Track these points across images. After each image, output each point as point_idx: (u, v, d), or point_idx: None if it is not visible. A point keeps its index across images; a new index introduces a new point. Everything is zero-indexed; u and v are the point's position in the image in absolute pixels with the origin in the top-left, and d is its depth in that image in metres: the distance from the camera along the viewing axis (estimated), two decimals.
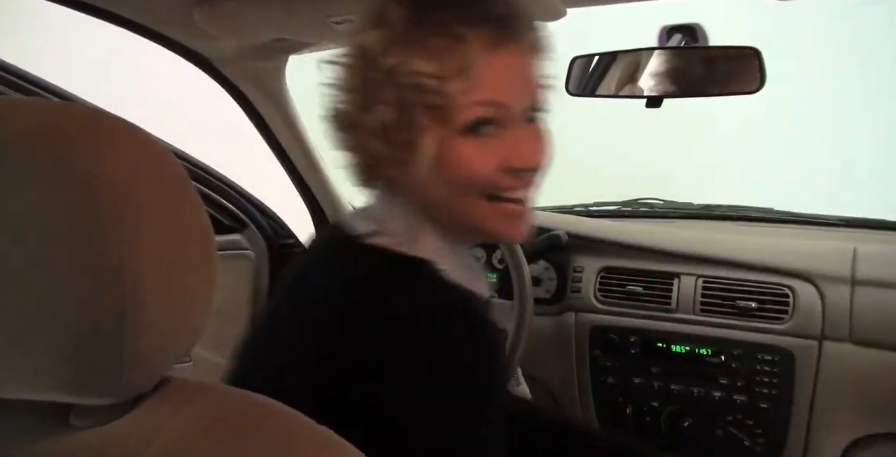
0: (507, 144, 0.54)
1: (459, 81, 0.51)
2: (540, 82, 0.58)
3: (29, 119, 0.34)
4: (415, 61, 0.51)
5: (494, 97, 0.53)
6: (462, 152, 0.54)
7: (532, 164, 0.56)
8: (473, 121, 0.53)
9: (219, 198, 1.35)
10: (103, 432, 0.36)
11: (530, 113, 0.57)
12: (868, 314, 0.99)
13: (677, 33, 1.01)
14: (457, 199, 0.56)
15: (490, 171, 0.54)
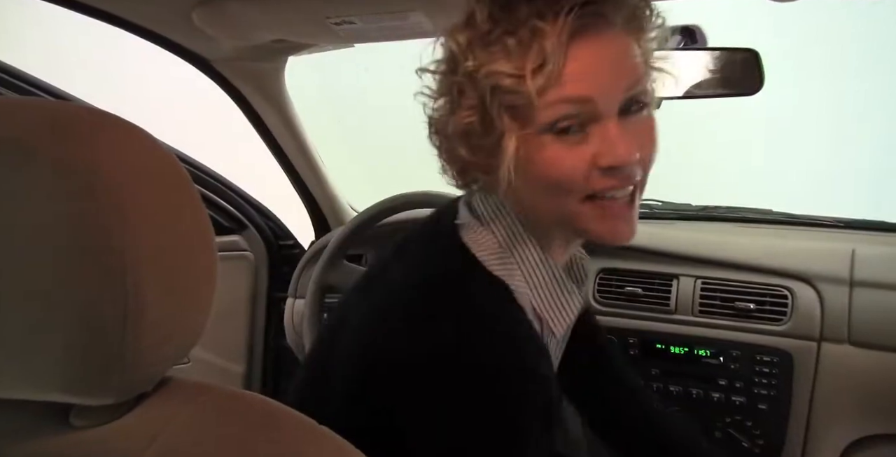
0: (597, 141, 0.50)
1: (538, 78, 0.48)
2: (641, 67, 0.52)
3: (29, 119, 0.34)
4: (493, 61, 0.49)
5: (579, 92, 0.49)
6: (549, 153, 0.50)
7: (624, 161, 0.50)
8: (556, 119, 0.49)
9: (218, 199, 1.35)
10: (104, 431, 0.36)
11: (630, 104, 0.51)
12: (866, 316, 0.99)
13: (676, 34, 1.02)
14: (553, 202, 0.53)
15: (581, 171, 0.50)
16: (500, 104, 0.50)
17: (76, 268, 0.32)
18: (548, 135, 0.50)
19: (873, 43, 2.31)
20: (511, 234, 0.57)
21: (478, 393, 0.49)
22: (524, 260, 0.56)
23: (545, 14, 0.48)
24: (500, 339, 0.51)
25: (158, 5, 0.86)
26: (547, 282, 0.57)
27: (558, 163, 0.51)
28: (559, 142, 0.50)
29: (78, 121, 0.35)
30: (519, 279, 0.56)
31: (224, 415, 0.38)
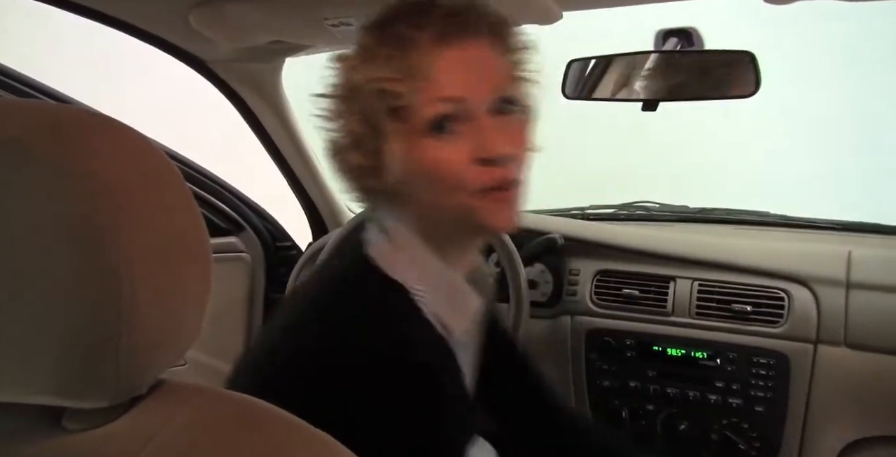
0: (472, 137, 0.55)
1: (413, 81, 0.53)
2: (509, 73, 0.58)
3: (25, 121, 0.34)
4: (374, 70, 0.55)
5: (450, 93, 0.54)
6: (430, 152, 0.55)
7: (499, 152, 0.55)
8: (434, 118, 0.54)
9: (215, 200, 1.35)
10: (97, 435, 0.36)
11: (501, 105, 0.56)
12: (863, 318, 0.99)
13: (673, 37, 1.02)
14: (446, 199, 0.57)
15: (462, 167, 0.55)
16: (383, 109, 0.55)
17: (70, 270, 0.32)
18: (428, 136, 0.55)
19: (870, 45, 2.32)
20: (408, 242, 0.61)
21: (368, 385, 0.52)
22: (419, 264, 0.60)
23: (416, 26, 0.54)
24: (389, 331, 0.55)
25: (155, 6, 0.86)
26: (441, 284, 0.60)
27: (441, 160, 0.55)
28: (439, 141, 0.55)
29: (75, 123, 0.35)
30: (416, 282, 0.59)
31: (219, 418, 0.38)
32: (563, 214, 1.44)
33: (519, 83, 0.60)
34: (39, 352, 0.33)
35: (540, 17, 0.85)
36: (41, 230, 0.32)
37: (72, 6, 0.84)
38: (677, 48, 1.00)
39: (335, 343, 0.53)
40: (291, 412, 0.39)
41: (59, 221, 0.32)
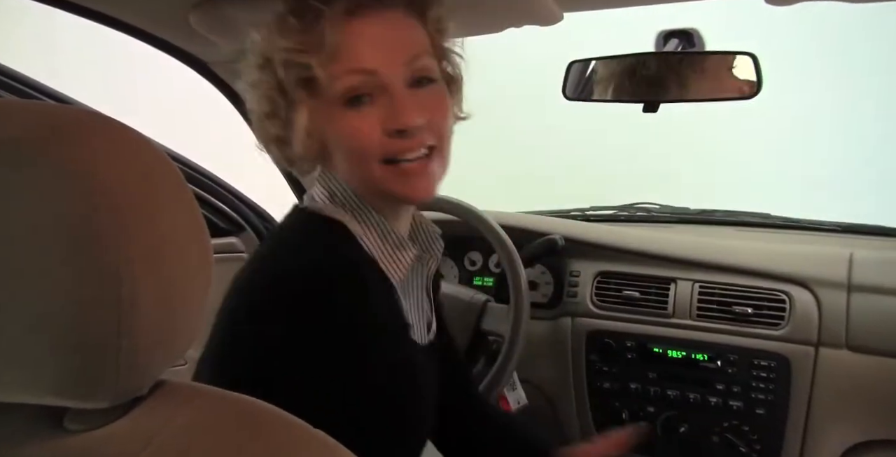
0: (384, 108, 0.56)
1: (322, 54, 0.54)
2: (427, 44, 0.59)
3: (24, 122, 0.34)
4: (282, 41, 0.56)
5: (360, 65, 0.55)
6: (343, 123, 0.56)
7: (409, 124, 0.56)
8: (346, 90, 0.55)
9: (215, 201, 1.34)
10: (98, 435, 0.36)
11: (417, 77, 0.57)
12: (864, 320, 0.99)
13: (674, 38, 1.02)
14: (357, 168, 0.59)
15: (374, 137, 0.56)
16: (295, 79, 0.56)
17: (70, 270, 0.32)
18: (340, 106, 0.56)
19: (873, 46, 2.32)
20: (340, 197, 0.62)
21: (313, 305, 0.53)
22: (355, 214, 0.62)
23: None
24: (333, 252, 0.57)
25: (154, 7, 0.85)
26: (377, 232, 0.62)
27: (352, 130, 0.56)
28: (351, 111, 0.56)
29: (75, 124, 0.35)
30: (357, 226, 0.61)
31: (219, 418, 0.38)
32: (564, 215, 1.44)
33: (439, 53, 0.61)
34: (40, 352, 0.33)
35: (541, 18, 0.85)
36: (41, 231, 0.32)
37: (71, 6, 0.84)
38: (678, 49, 1.00)
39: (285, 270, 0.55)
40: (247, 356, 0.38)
41: (59, 221, 0.32)
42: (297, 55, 0.55)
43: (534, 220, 1.30)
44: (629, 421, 1.13)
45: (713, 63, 0.95)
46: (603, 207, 1.47)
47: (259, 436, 0.36)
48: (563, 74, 1.02)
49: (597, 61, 1.01)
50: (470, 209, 1.10)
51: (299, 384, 0.52)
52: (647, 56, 0.98)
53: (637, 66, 0.99)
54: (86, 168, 0.33)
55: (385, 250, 0.62)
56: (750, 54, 0.90)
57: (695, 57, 0.97)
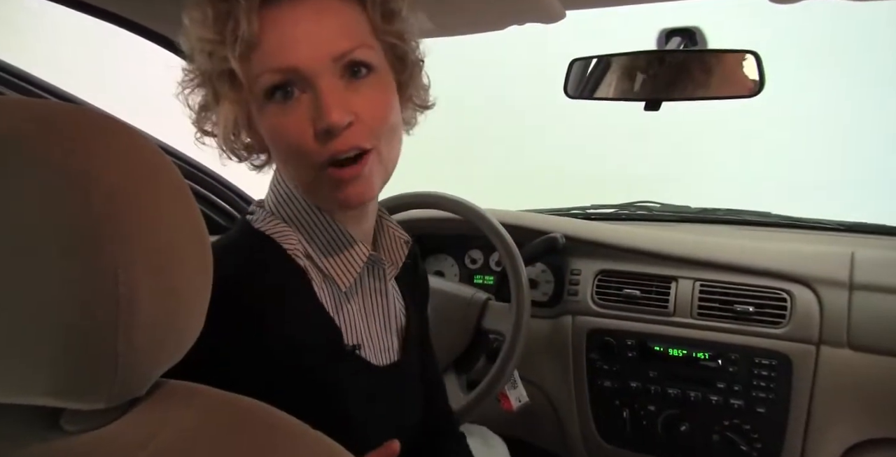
0: (311, 105, 0.51)
1: (238, 46, 0.49)
2: (357, 33, 0.53)
3: (21, 119, 0.33)
4: (198, 30, 0.51)
5: (279, 62, 0.50)
6: (272, 120, 0.52)
7: (334, 122, 0.50)
8: (266, 87, 0.51)
9: (214, 197, 1.34)
10: (95, 436, 0.35)
11: (351, 68, 0.52)
12: (865, 319, 0.99)
13: (676, 36, 1.01)
14: (291, 169, 0.55)
15: (304, 137, 0.51)
16: (217, 71, 0.52)
17: (67, 270, 0.32)
18: (267, 103, 0.52)
19: (874, 45, 2.31)
20: (283, 198, 0.59)
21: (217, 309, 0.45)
22: (296, 217, 0.58)
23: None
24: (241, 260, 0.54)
25: (148, 0, 0.85)
26: (323, 235, 0.58)
27: (281, 130, 0.52)
28: (278, 108, 0.52)
29: (71, 121, 0.34)
30: (291, 236, 0.57)
31: (218, 419, 0.37)
32: (565, 213, 1.44)
33: (385, 38, 0.55)
34: (37, 353, 0.33)
35: (543, 15, 0.84)
36: (38, 230, 0.32)
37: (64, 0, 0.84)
38: (680, 47, 1.00)
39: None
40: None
41: (55, 221, 0.32)
42: (213, 46, 0.51)
43: (535, 218, 1.30)
44: (630, 420, 1.13)
45: (715, 61, 0.94)
46: (604, 205, 1.47)
47: (258, 437, 0.36)
48: (565, 72, 1.01)
49: (598, 59, 1.00)
50: (471, 207, 1.10)
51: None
52: (649, 54, 0.98)
53: (639, 65, 0.98)
54: (84, 167, 0.32)
55: (331, 254, 0.58)
56: (753, 52, 0.90)
57: (697, 55, 0.96)
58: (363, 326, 0.62)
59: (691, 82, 0.96)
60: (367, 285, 0.63)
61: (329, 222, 0.58)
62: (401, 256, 0.66)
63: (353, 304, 0.62)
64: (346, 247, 0.59)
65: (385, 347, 0.65)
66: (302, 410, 0.41)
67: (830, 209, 1.39)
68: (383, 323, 0.65)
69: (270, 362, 0.51)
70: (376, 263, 0.63)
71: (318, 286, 0.58)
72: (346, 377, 0.58)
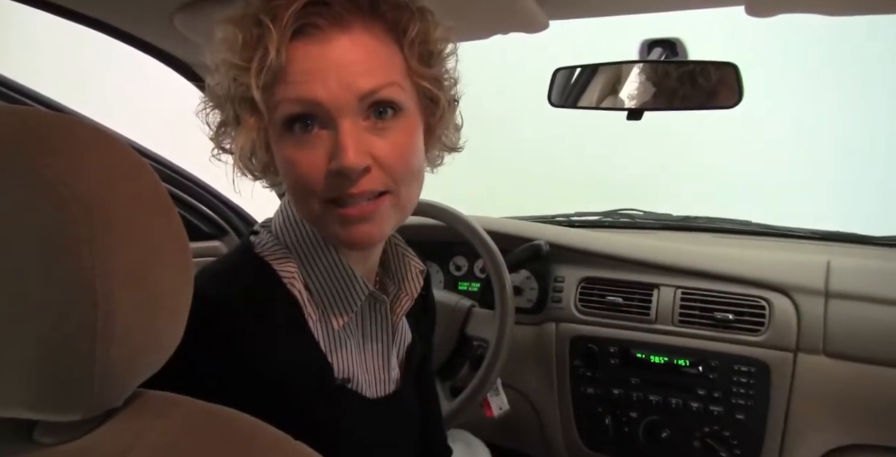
0: (330, 143, 0.49)
1: (263, 75, 0.48)
2: (388, 72, 0.51)
3: (1, 128, 0.33)
4: (225, 52, 0.50)
5: (302, 94, 0.48)
6: (287, 152, 0.51)
7: (351, 165, 0.48)
8: (286, 118, 0.49)
9: (196, 203, 1.33)
10: (70, 449, 0.35)
11: (377, 108, 0.50)
12: (841, 327, 1.00)
13: (658, 47, 1.03)
14: (300, 203, 0.53)
15: (316, 173, 0.50)
16: (239, 97, 0.50)
17: (42, 279, 0.31)
18: (285, 133, 0.50)
19: (850, 57, 2.37)
20: (290, 223, 0.57)
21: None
22: (299, 245, 0.56)
23: (273, 11, 0.48)
24: (231, 284, 0.52)
25: (139, 9, 0.84)
26: (323, 268, 0.56)
27: (295, 162, 0.50)
28: (295, 141, 0.50)
29: (53, 129, 0.34)
30: (291, 265, 0.55)
31: (196, 430, 0.37)
32: (549, 220, 1.45)
33: (419, 78, 0.53)
34: (10, 363, 0.32)
35: (526, 25, 0.85)
36: (14, 238, 0.31)
37: (53, 8, 0.83)
38: (662, 58, 1.02)
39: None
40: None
41: (34, 228, 0.31)
42: (237, 72, 0.49)
43: (519, 225, 1.31)
44: (612, 426, 1.13)
45: (695, 72, 0.96)
46: (587, 213, 1.48)
47: (238, 448, 0.36)
48: (549, 81, 1.02)
49: (581, 69, 1.01)
50: (455, 214, 1.10)
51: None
52: (631, 64, 0.99)
53: (621, 75, 1.00)
54: (61, 173, 0.32)
55: (329, 289, 0.56)
56: (731, 64, 0.91)
57: (677, 66, 0.98)
58: (359, 359, 0.60)
59: (672, 93, 0.98)
60: (368, 320, 0.61)
61: (332, 256, 0.56)
62: (416, 287, 0.63)
63: (351, 338, 0.60)
64: (345, 283, 0.56)
65: (381, 379, 0.63)
66: None
67: (807, 215, 1.41)
68: (382, 356, 0.63)
69: (256, 392, 0.50)
70: (378, 301, 0.60)
71: (314, 318, 0.56)
72: (336, 411, 0.56)
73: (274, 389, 0.51)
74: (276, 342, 0.52)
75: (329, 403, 0.56)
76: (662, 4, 0.84)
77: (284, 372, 0.52)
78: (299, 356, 0.54)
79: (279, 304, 0.54)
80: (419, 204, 1.10)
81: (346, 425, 0.57)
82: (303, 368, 0.54)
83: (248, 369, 0.50)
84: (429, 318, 0.77)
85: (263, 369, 0.51)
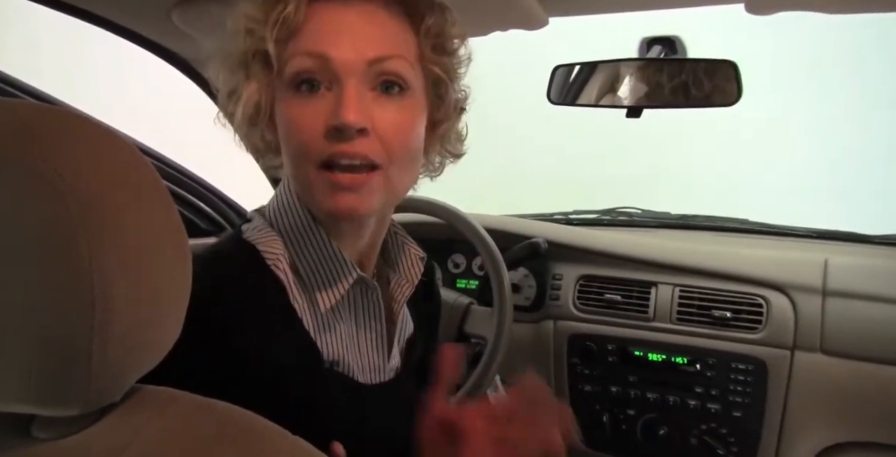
0: (332, 101, 0.50)
1: (279, 29, 0.50)
2: (399, 46, 0.53)
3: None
4: (249, 9, 0.52)
5: (314, 47, 0.51)
6: (290, 110, 0.52)
7: (349, 122, 0.49)
8: (295, 72, 0.51)
9: (195, 200, 1.32)
10: (67, 444, 0.35)
11: (383, 80, 0.52)
12: (838, 325, 1.01)
13: (657, 45, 1.03)
14: (296, 169, 0.53)
15: (314, 133, 0.51)
16: (252, 50, 0.52)
17: (42, 274, 0.31)
18: (290, 89, 0.52)
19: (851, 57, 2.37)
20: (283, 207, 0.57)
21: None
22: (291, 229, 0.57)
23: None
24: (215, 271, 0.53)
25: (137, 4, 0.84)
26: (312, 251, 0.56)
27: (296, 120, 0.52)
28: (299, 98, 0.52)
29: (49, 122, 0.34)
30: (277, 247, 0.56)
31: (194, 426, 0.37)
32: (547, 218, 1.45)
33: (429, 67, 0.55)
34: (7, 358, 0.32)
35: (526, 22, 0.85)
36: (10, 231, 0.31)
37: (52, 3, 0.83)
38: (661, 56, 1.02)
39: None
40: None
41: (29, 223, 0.31)
42: (255, 25, 0.51)
43: (517, 223, 1.31)
44: (609, 424, 1.14)
45: (694, 70, 0.96)
46: (585, 211, 1.48)
47: (236, 444, 0.36)
48: (548, 79, 1.02)
49: (581, 66, 1.01)
50: (454, 212, 1.10)
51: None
52: (630, 62, 0.99)
53: (620, 72, 1.00)
54: (58, 168, 0.32)
55: (317, 273, 0.56)
56: (730, 62, 0.92)
57: (676, 64, 0.98)
58: (350, 344, 0.60)
59: (671, 90, 0.98)
60: (361, 306, 0.61)
61: (322, 239, 0.56)
62: (416, 273, 0.64)
63: (342, 322, 0.59)
64: (334, 266, 0.56)
65: (377, 366, 0.62)
66: (282, 425, 0.40)
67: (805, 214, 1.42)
68: (377, 343, 0.62)
69: (243, 378, 0.50)
70: (369, 287, 0.60)
71: (300, 300, 0.56)
72: (324, 395, 0.56)
73: (262, 373, 0.51)
74: (263, 327, 0.52)
75: (317, 385, 0.56)
76: (662, 2, 0.84)
77: (272, 355, 0.52)
78: (286, 339, 0.54)
79: (265, 288, 0.54)
80: (417, 201, 1.12)
81: (335, 408, 0.57)
82: (290, 350, 0.54)
83: (236, 354, 0.50)
84: (433, 306, 0.77)
85: (251, 354, 0.51)
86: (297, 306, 0.56)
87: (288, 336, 0.55)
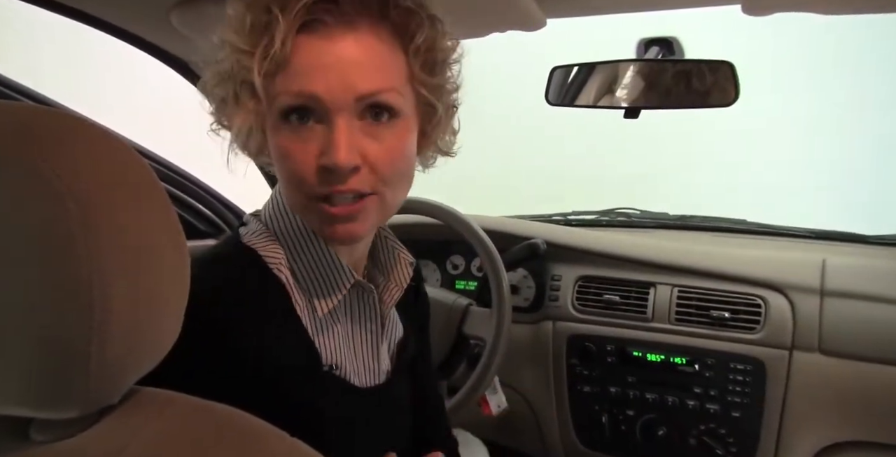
0: (323, 138, 0.50)
1: (266, 63, 0.49)
2: (390, 75, 0.51)
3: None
4: (231, 34, 0.51)
5: (302, 87, 0.49)
6: (281, 142, 0.51)
7: (339, 163, 0.49)
8: (284, 108, 0.50)
9: (193, 202, 1.32)
10: (66, 446, 0.35)
11: (373, 108, 0.51)
12: (836, 325, 1.01)
13: (655, 46, 1.03)
14: (291, 196, 0.54)
15: (307, 167, 0.50)
16: (241, 79, 0.51)
17: (40, 275, 0.31)
18: (282, 122, 0.51)
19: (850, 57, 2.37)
20: (279, 212, 0.58)
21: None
22: (287, 233, 0.57)
23: (283, 2, 0.48)
24: (217, 272, 0.53)
25: (136, 6, 0.84)
26: (310, 256, 0.57)
27: (288, 153, 0.51)
28: (290, 131, 0.51)
29: (47, 125, 0.34)
30: (277, 251, 0.56)
31: (192, 428, 0.37)
32: (546, 219, 1.45)
33: (419, 84, 0.54)
34: (6, 359, 0.32)
35: (524, 23, 0.85)
36: (8, 233, 0.31)
37: (51, 5, 0.83)
38: (658, 57, 1.02)
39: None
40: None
41: (29, 224, 0.31)
42: (241, 56, 0.50)
43: (516, 224, 1.31)
44: (608, 425, 1.14)
45: (692, 71, 0.96)
46: (584, 211, 1.48)
47: (234, 446, 0.36)
48: (546, 80, 1.02)
49: (579, 67, 1.01)
50: (452, 213, 1.10)
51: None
52: (628, 63, 1.00)
53: (618, 73, 1.00)
54: (57, 169, 0.32)
55: (315, 277, 0.56)
56: (727, 63, 0.92)
57: (674, 64, 0.98)
58: (347, 348, 0.60)
59: (669, 91, 0.98)
60: (357, 309, 0.61)
61: (319, 245, 0.56)
62: (405, 277, 0.64)
63: (338, 325, 0.60)
64: (331, 271, 0.57)
65: (371, 369, 0.63)
66: (281, 427, 0.40)
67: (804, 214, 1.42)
68: (371, 346, 0.63)
69: (243, 379, 0.50)
70: (365, 291, 0.60)
71: (301, 304, 0.57)
72: (323, 397, 0.56)
73: (263, 374, 0.51)
74: (264, 329, 0.52)
75: (316, 388, 0.56)
76: (660, 3, 0.84)
77: (272, 357, 0.52)
78: (287, 341, 0.54)
79: (266, 290, 0.54)
80: (416, 202, 1.12)
81: (333, 410, 0.57)
82: (290, 352, 0.54)
83: (236, 355, 0.51)
84: (420, 307, 0.77)
85: (251, 354, 0.51)
86: (298, 309, 0.56)
87: (289, 338, 0.55)
